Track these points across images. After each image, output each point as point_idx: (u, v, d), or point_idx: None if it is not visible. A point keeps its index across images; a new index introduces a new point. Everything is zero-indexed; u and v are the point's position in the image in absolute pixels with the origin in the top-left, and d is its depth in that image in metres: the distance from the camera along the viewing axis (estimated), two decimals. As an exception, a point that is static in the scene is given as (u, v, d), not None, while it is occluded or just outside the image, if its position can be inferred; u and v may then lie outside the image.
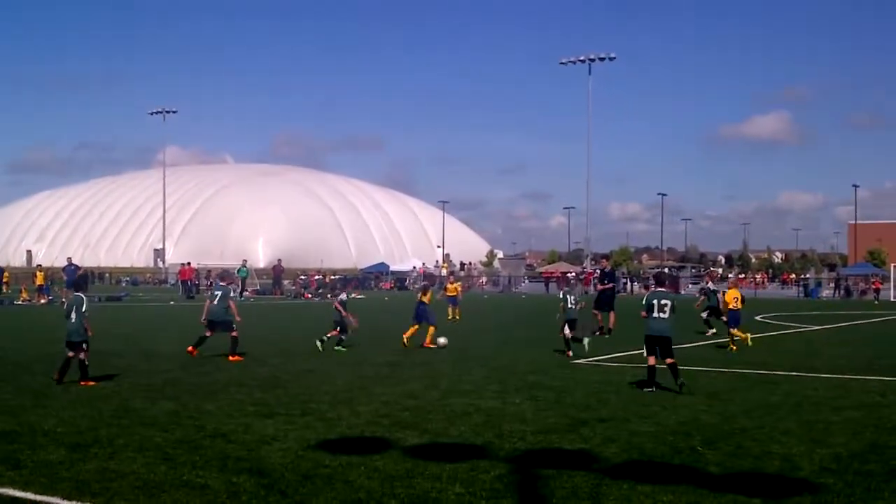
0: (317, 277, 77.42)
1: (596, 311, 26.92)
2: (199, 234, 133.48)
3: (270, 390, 14.30)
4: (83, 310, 15.06)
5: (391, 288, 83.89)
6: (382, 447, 9.84)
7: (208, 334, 19.28)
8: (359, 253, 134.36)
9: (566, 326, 20.03)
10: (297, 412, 12.14)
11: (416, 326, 22.04)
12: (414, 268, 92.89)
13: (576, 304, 20.47)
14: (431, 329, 21.95)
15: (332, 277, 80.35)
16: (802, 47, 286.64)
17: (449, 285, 35.98)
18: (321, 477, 8.47)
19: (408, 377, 16.12)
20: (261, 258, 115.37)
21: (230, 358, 18.50)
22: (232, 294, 19.64)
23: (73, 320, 14.97)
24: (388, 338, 20.72)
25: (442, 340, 21.48)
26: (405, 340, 21.43)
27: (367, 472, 8.65)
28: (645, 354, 14.67)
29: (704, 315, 26.43)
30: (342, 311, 21.17)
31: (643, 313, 14.50)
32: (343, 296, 21.71)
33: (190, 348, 19.09)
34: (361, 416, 11.88)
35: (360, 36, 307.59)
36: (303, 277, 77.13)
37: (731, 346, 21.63)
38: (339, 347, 20.60)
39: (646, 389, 14.29)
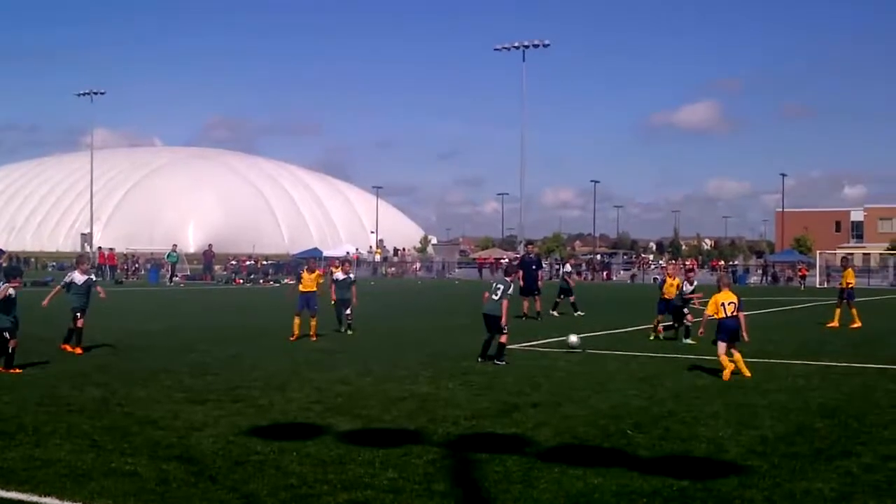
0: (248, 263, 76.86)
1: (523, 297, 27.06)
2: (129, 219, 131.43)
3: (200, 377, 14.13)
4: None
5: (323, 274, 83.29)
6: (315, 433, 9.80)
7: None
8: (291, 238, 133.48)
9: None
10: (228, 398, 12.02)
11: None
12: (347, 253, 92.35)
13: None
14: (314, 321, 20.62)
15: (264, 263, 79.91)
16: (733, 37, 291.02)
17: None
18: (252, 463, 8.40)
19: (341, 363, 16.07)
20: (191, 243, 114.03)
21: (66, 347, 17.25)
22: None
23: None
24: (320, 323, 20.60)
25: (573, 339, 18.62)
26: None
27: (299, 457, 8.61)
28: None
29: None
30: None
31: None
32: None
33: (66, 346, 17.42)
34: (293, 402, 11.81)
35: (294, 19, 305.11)
36: (233, 263, 76.44)
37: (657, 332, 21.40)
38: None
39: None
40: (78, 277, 17.59)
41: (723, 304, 15.02)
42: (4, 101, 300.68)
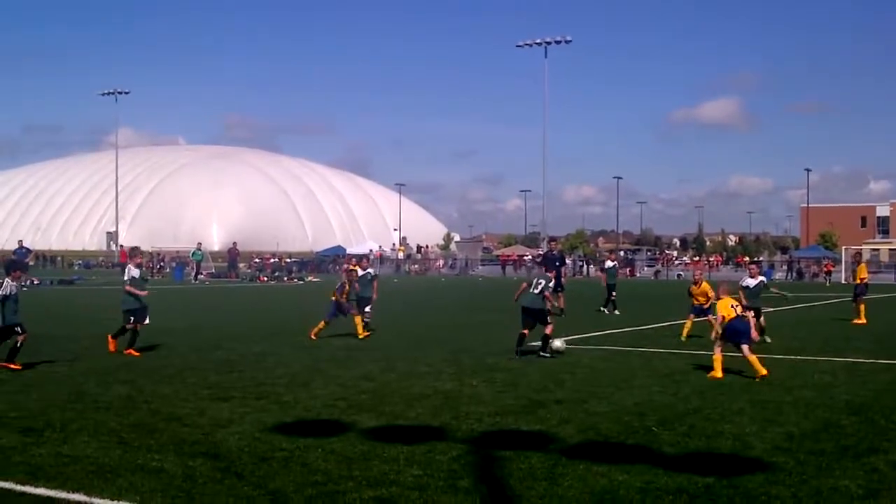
0: (272, 261, 77.15)
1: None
2: (153, 217, 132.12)
3: (225, 374, 14.20)
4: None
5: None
6: (339, 430, 9.83)
7: (131, 326, 16.99)
8: (315, 236, 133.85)
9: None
10: (253, 395, 12.08)
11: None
12: (371, 251, 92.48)
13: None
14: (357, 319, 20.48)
15: (287, 261, 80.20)
16: (752, 34, 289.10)
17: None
18: (277, 459, 8.44)
19: (365, 360, 16.10)
20: (216, 241, 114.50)
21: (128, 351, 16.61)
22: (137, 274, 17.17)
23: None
24: (345, 322, 20.63)
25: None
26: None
27: (324, 454, 8.64)
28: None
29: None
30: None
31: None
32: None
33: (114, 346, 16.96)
34: (318, 399, 11.85)
35: (315, 19, 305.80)
36: (257, 261, 76.77)
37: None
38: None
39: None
40: (134, 271, 17.26)
41: (732, 307, 14.68)
42: (28, 102, 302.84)
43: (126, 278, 17.38)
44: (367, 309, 22.18)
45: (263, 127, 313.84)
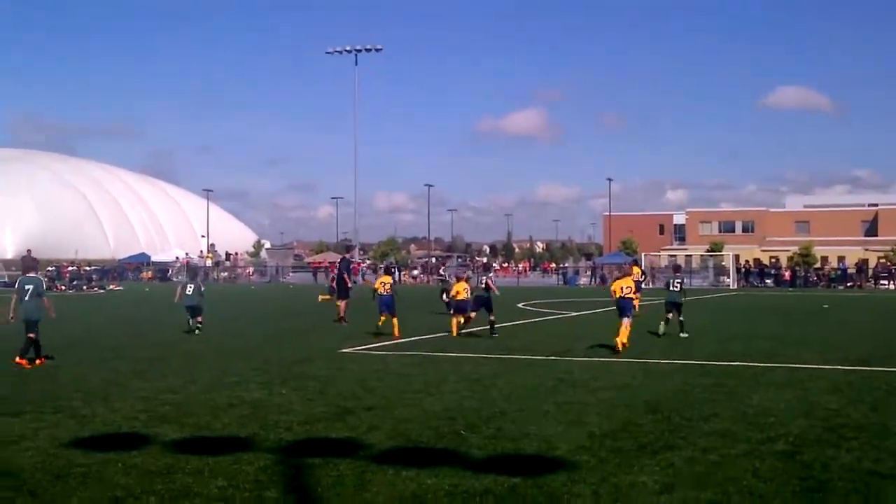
0: (70, 269, 73.83)
1: (339, 300, 28.43)
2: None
3: (17, 387, 13.44)
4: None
5: (152, 279, 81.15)
6: (141, 443, 9.46)
7: (31, 336, 16.49)
8: (117, 243, 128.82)
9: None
10: (48, 410, 11.47)
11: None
12: (177, 258, 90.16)
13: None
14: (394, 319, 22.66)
15: (87, 269, 76.94)
16: (557, 47, 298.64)
17: None
18: (74, 476, 8.04)
19: (168, 371, 15.60)
20: (9, 249, 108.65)
21: (18, 360, 16.18)
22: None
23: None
24: (148, 331, 19.93)
25: None
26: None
27: (125, 468, 8.29)
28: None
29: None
30: None
31: None
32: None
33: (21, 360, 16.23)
34: (118, 412, 11.38)
35: (118, 18, 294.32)
36: (51, 269, 73.03)
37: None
38: None
39: None
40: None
41: (621, 287, 19.73)
42: None
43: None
44: (199, 318, 23.39)
45: (57, 128, 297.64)
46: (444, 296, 31.24)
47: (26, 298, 16.84)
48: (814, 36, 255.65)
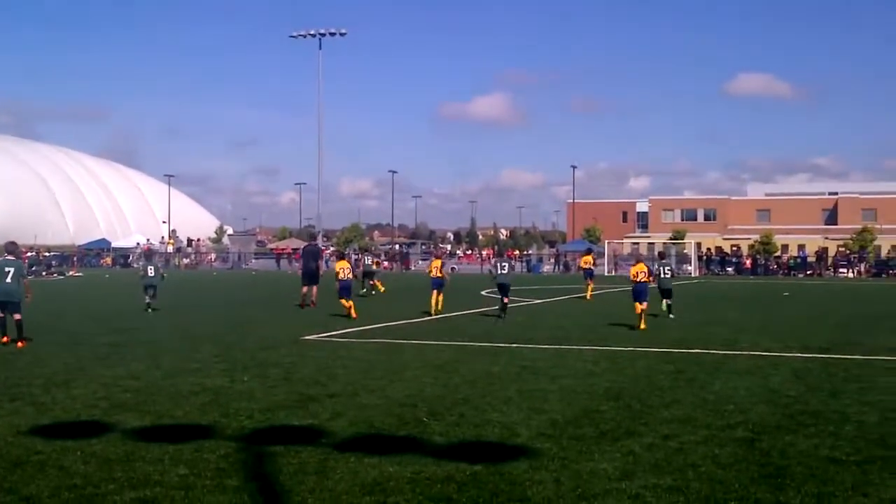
0: (29, 255, 72.92)
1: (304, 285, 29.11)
2: None
3: (-25, 375, 13.26)
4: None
5: (112, 265, 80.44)
6: (100, 430, 9.37)
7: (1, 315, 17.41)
8: (77, 229, 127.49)
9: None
10: (6, 397, 11.33)
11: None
12: (138, 244, 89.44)
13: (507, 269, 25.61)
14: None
15: (46, 255, 76.07)
16: (521, 31, 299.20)
17: None
18: (32, 464, 7.95)
19: (130, 357, 15.47)
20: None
21: (19, 344, 16.92)
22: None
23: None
24: (109, 317, 19.75)
25: None
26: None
27: (84, 456, 8.22)
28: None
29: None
30: None
31: None
32: None
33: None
34: (77, 400, 11.27)
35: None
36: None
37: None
38: None
39: None
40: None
41: (636, 273, 22.19)
42: None
43: None
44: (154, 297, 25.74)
45: (17, 111, 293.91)
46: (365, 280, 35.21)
47: (8, 280, 17.28)
48: (775, 22, 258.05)
